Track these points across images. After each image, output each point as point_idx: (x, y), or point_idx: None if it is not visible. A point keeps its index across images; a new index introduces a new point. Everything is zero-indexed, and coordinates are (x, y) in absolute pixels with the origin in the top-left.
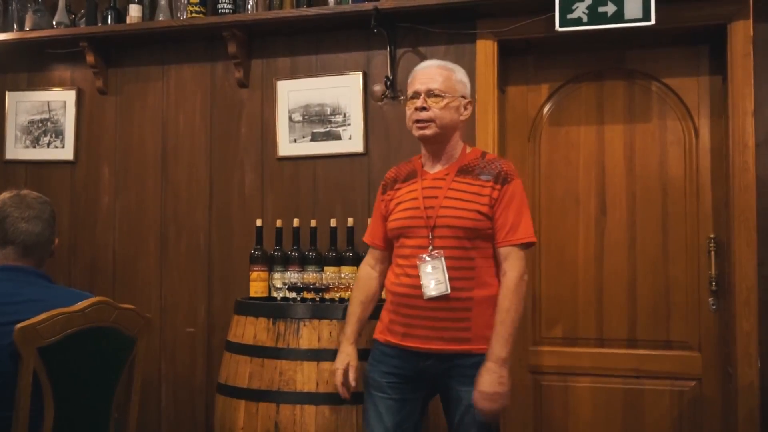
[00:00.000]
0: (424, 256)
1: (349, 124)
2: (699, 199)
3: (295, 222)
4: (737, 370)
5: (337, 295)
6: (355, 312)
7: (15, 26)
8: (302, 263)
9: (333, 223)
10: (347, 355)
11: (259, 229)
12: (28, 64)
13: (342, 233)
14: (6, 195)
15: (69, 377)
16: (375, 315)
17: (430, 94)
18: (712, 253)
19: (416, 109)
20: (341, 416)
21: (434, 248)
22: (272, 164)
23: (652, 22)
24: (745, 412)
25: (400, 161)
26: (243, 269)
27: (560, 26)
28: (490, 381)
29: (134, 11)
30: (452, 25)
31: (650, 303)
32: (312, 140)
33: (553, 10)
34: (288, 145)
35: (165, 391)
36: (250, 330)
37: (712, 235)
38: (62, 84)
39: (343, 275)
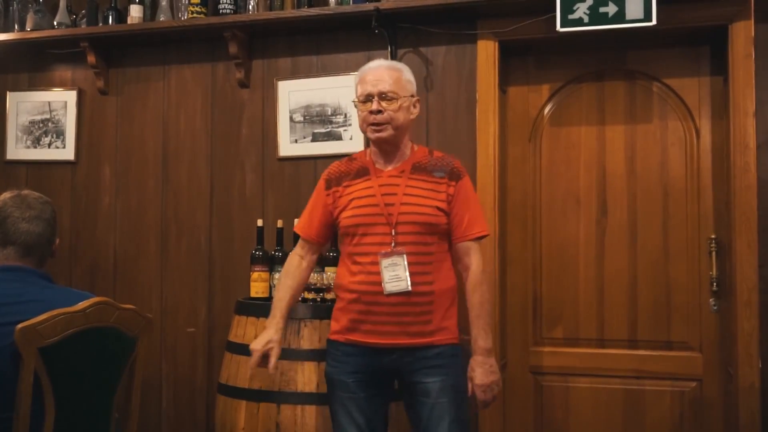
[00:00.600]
0: (385, 252)
1: (350, 125)
2: (700, 200)
3: (296, 222)
4: (738, 370)
5: None
6: (284, 297)
7: (16, 27)
8: None
9: None
10: (270, 339)
11: (260, 230)
12: (29, 65)
13: None
14: (7, 195)
15: (70, 377)
16: (327, 316)
17: (382, 96)
18: (713, 253)
19: (371, 112)
20: None
21: (396, 244)
22: (273, 164)
23: (654, 22)
24: (746, 413)
25: None
26: (244, 269)
27: (561, 27)
28: (484, 372)
29: (135, 12)
30: (453, 26)
31: (651, 303)
32: (313, 140)
33: (554, 11)
34: (289, 145)
35: (166, 391)
36: (251, 330)
37: (713, 236)
38: (63, 84)
39: None
